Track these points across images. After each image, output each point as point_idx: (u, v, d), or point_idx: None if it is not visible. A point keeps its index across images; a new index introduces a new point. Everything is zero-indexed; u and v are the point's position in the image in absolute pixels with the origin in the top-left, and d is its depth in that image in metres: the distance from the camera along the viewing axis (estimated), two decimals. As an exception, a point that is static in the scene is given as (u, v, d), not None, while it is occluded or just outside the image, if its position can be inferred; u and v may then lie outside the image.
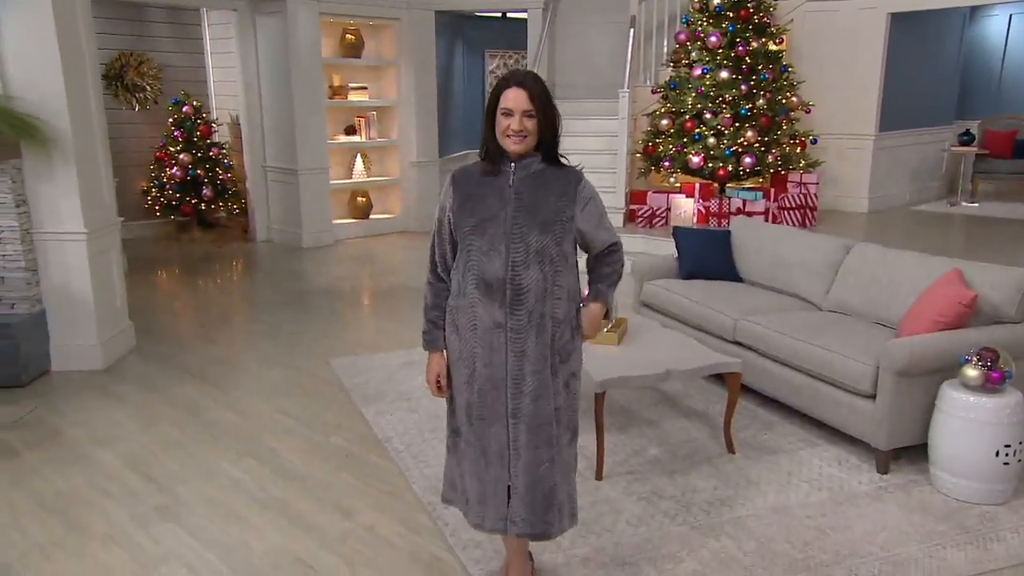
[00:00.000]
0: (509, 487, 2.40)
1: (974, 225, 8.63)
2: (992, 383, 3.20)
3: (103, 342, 4.78)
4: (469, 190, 2.39)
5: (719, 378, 4.46)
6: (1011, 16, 10.98)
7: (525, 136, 2.29)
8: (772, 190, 7.76)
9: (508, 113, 2.27)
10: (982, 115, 10.77)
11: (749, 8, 7.54)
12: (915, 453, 3.55)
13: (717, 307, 4.41)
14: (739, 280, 4.94)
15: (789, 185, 7.88)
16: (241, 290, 6.91)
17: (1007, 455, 3.18)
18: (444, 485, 2.63)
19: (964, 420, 3.22)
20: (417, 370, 4.75)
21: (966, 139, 9.48)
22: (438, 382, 2.48)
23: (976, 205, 9.47)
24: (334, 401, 4.33)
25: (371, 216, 9.39)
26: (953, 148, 9.77)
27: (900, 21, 8.69)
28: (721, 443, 3.79)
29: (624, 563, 2.84)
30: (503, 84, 2.30)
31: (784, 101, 7.74)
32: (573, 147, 7.99)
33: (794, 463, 3.61)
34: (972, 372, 3.21)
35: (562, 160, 2.40)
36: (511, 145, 2.30)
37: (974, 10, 10.62)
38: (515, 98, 2.26)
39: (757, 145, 7.57)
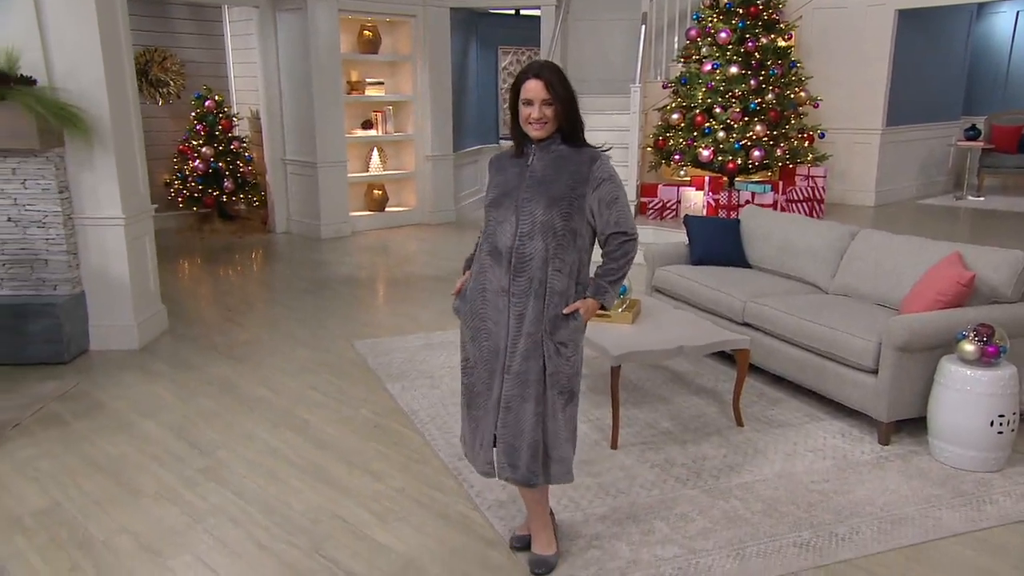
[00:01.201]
0: (495, 436, 2.63)
1: (980, 218, 8.78)
2: (988, 357, 3.38)
3: (139, 323, 5.00)
4: (498, 170, 2.67)
5: (727, 358, 4.68)
6: (1018, 13, 11.10)
7: (545, 123, 2.51)
8: (780, 183, 7.93)
9: (528, 103, 2.50)
10: (988, 110, 10.90)
11: (759, 5, 7.71)
12: (914, 426, 3.74)
13: (726, 290, 4.60)
14: (747, 266, 5.13)
15: (797, 178, 8.06)
16: (264, 278, 7.14)
17: (1001, 425, 3.37)
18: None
19: (961, 392, 3.40)
20: (437, 351, 4.96)
21: (972, 134, 9.63)
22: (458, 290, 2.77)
23: (982, 199, 9.62)
24: (360, 378, 4.54)
25: (387, 209, 9.61)
26: (959, 143, 9.92)
27: (908, 18, 8.85)
28: (730, 417, 3.98)
29: (639, 520, 3.04)
30: (522, 76, 2.51)
31: (792, 96, 7.91)
32: (588, 141, 8.17)
33: (799, 435, 3.80)
34: (969, 347, 3.40)
35: (587, 143, 2.60)
36: (533, 131, 2.53)
37: (981, 7, 10.75)
38: (533, 88, 2.48)
39: (766, 139, 7.74)
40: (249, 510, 3.11)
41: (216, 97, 8.97)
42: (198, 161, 8.85)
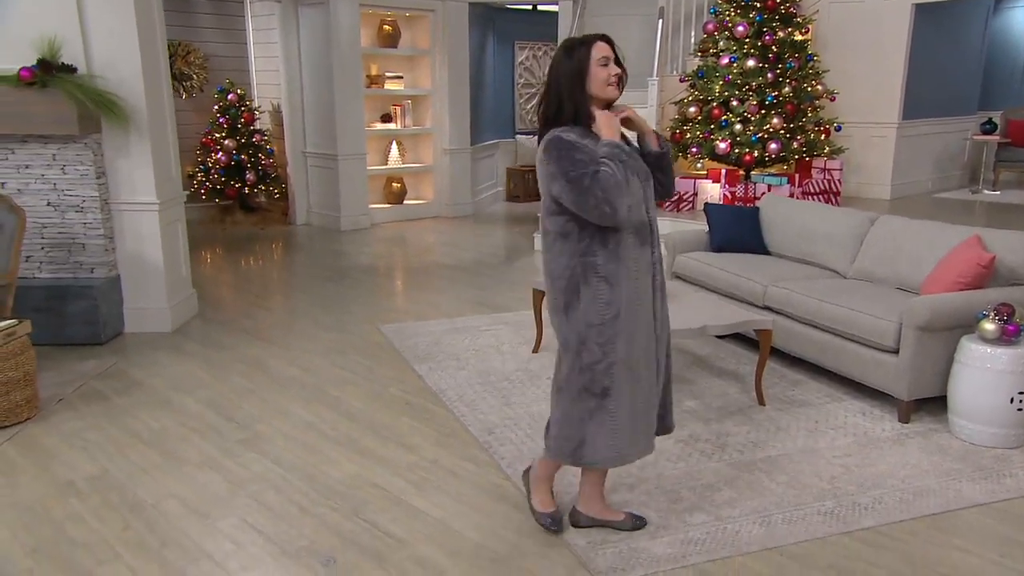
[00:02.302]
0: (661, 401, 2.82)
1: (996, 212, 8.81)
2: (1008, 336, 3.46)
3: (171, 306, 5.13)
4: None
5: (747, 342, 4.76)
6: (1034, 8, 11.12)
7: (621, 79, 2.52)
8: (796, 176, 8.00)
9: (606, 62, 2.49)
10: (1005, 105, 10.92)
11: (776, -2, 7.78)
12: (934, 406, 3.82)
13: (747, 275, 4.68)
14: (767, 253, 5.21)
15: (813, 171, 8.12)
16: (287, 267, 7.26)
17: (1021, 402, 3.44)
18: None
19: (982, 370, 3.48)
20: (462, 335, 5.07)
21: (988, 128, 9.65)
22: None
23: (998, 193, 9.65)
24: (388, 359, 4.65)
25: (405, 202, 9.72)
26: (976, 137, 9.95)
27: (924, 12, 8.90)
28: (752, 397, 4.07)
29: (667, 491, 3.14)
30: (589, 41, 2.49)
31: (809, 89, 7.96)
32: (603, 133, 8.26)
33: (821, 414, 3.89)
34: (990, 326, 3.47)
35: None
36: (613, 92, 2.50)
37: (998, 1, 10.77)
38: (606, 48, 2.50)
39: (782, 132, 7.80)
40: (289, 477, 3.23)
41: (238, 91, 9.10)
42: (220, 153, 8.98)
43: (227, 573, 2.62)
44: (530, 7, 11.12)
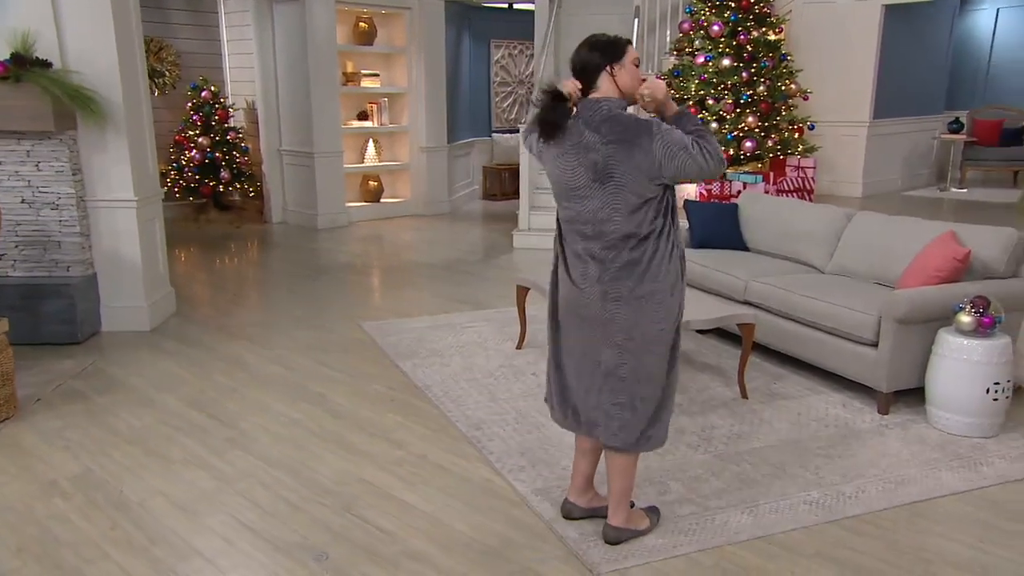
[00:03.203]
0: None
1: (963, 209, 9.01)
2: (984, 328, 3.54)
3: (150, 304, 5.06)
4: None
5: (729, 337, 4.82)
6: (998, 10, 11.38)
7: None
8: (771, 174, 8.09)
9: (638, 63, 2.53)
10: (970, 105, 11.17)
11: (750, -2, 7.88)
12: (912, 397, 3.89)
13: (728, 271, 4.74)
14: (746, 249, 5.28)
15: (788, 169, 8.23)
16: (264, 265, 7.20)
17: (996, 392, 3.53)
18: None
19: (958, 361, 3.56)
20: (444, 332, 5.06)
21: (955, 127, 9.87)
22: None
23: (965, 191, 9.87)
24: (371, 356, 4.64)
25: (382, 200, 9.69)
26: (943, 136, 10.16)
27: (894, 13, 9.07)
28: (735, 391, 4.12)
29: (655, 482, 3.17)
30: (626, 43, 2.51)
31: (783, 88, 8.07)
32: (581, 132, 8.29)
33: (802, 406, 3.95)
34: (966, 318, 3.55)
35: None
36: (638, 92, 2.52)
37: (963, 3, 11.01)
38: (637, 53, 2.55)
39: (757, 130, 7.90)
40: (277, 474, 3.21)
41: (212, 88, 8.99)
42: (194, 151, 8.87)
43: (218, 570, 2.59)
44: (506, 6, 11.13)
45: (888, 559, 2.69)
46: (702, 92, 7.94)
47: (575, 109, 2.53)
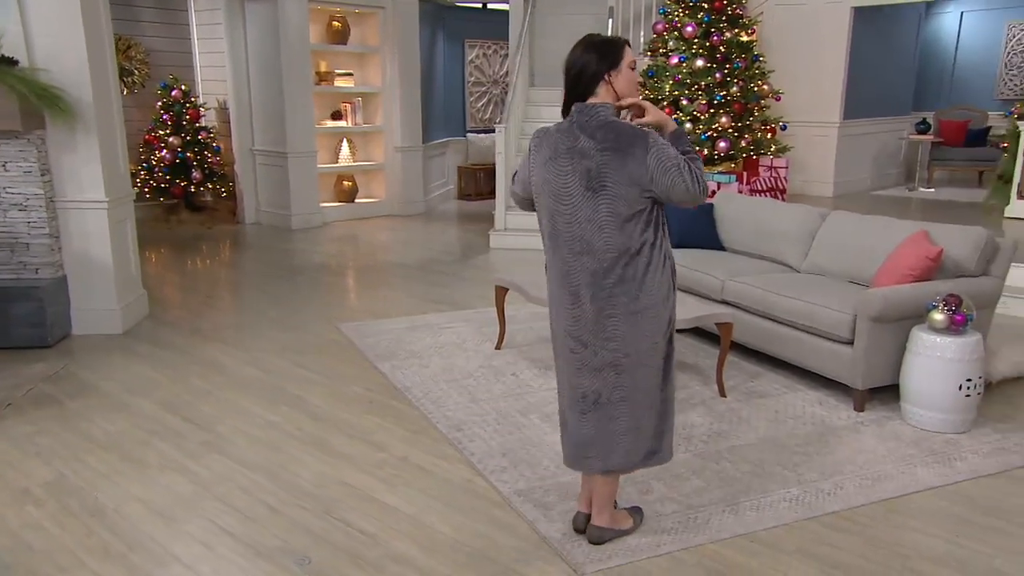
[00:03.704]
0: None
1: (931, 208, 9.15)
2: (956, 325, 3.60)
3: (122, 307, 4.98)
4: None
5: (706, 336, 4.86)
6: (962, 13, 11.60)
7: None
8: (745, 173, 8.17)
9: (634, 66, 2.49)
10: (937, 106, 11.37)
11: (723, 0, 7.94)
12: (887, 394, 3.95)
13: (705, 270, 4.77)
14: (722, 249, 5.32)
15: (761, 169, 8.31)
16: (238, 266, 7.12)
17: (968, 389, 3.59)
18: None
19: (932, 359, 3.62)
20: (423, 333, 5.04)
21: (923, 128, 10.03)
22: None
23: (932, 190, 10.04)
24: (349, 358, 4.60)
25: (356, 200, 9.62)
26: (911, 136, 10.32)
27: (862, 15, 9.20)
28: (713, 390, 4.14)
29: (636, 481, 3.18)
30: (624, 43, 2.48)
31: (756, 89, 8.15)
32: (556, 132, 8.31)
33: (780, 404, 3.99)
34: (939, 316, 3.61)
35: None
36: (635, 95, 2.51)
37: (929, 6, 11.20)
38: (632, 53, 2.51)
39: (731, 131, 7.97)
40: (255, 478, 3.17)
41: (183, 87, 8.87)
42: (165, 151, 8.74)
43: (198, 577, 2.56)
44: (480, 5, 11.12)
45: (867, 554, 2.72)
46: (676, 93, 7.99)
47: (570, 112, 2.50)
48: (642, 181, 2.38)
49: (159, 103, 8.80)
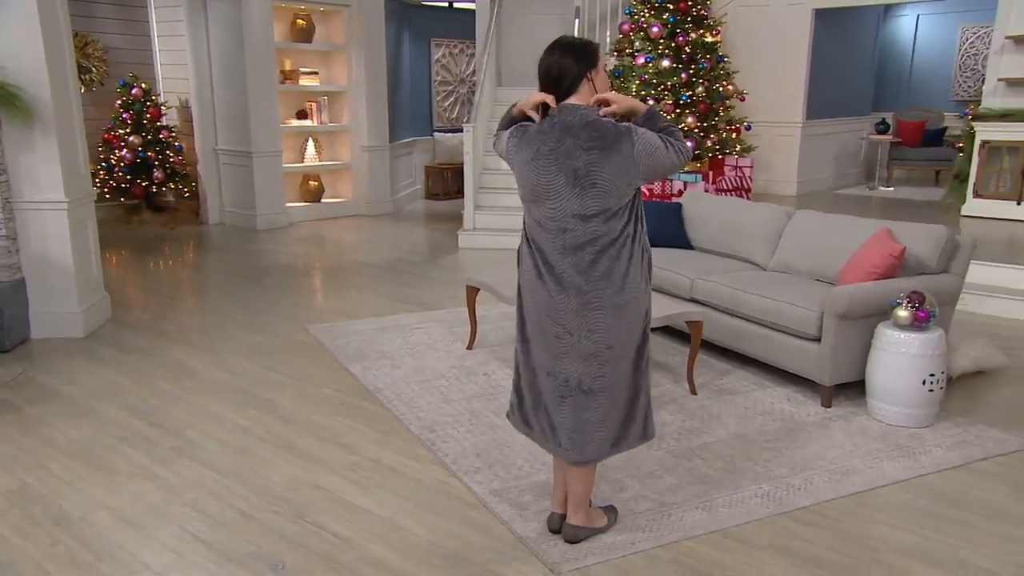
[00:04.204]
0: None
1: (890, 207, 9.33)
2: (919, 321, 3.68)
3: (83, 310, 4.87)
4: None
5: (675, 334, 4.90)
6: (918, 16, 11.86)
7: None
8: (711, 173, 8.26)
9: (605, 67, 2.55)
10: (895, 106, 11.61)
11: (688, 1, 8.02)
12: (853, 390, 4.02)
13: (674, 269, 4.81)
14: (690, 247, 5.37)
15: (726, 169, 8.41)
16: (203, 268, 7.00)
17: (932, 383, 3.67)
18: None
19: (896, 354, 3.69)
20: (393, 334, 5.01)
21: (882, 128, 10.23)
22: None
23: (891, 189, 10.24)
24: (319, 360, 4.56)
25: (323, 200, 9.53)
26: (871, 136, 10.53)
27: (823, 17, 9.36)
28: (683, 388, 4.18)
29: (610, 480, 3.19)
30: (597, 47, 2.55)
31: (720, 89, 8.25)
32: (523, 131, 8.32)
33: (749, 401, 4.04)
34: (903, 313, 3.68)
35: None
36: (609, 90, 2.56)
37: (887, 9, 11.43)
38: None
39: (697, 130, 8.06)
40: (227, 483, 3.12)
41: (143, 85, 8.71)
42: (125, 151, 8.57)
43: (169, 585, 2.51)
44: (446, 4, 11.08)
45: (837, 548, 2.77)
46: (643, 93, 8.05)
47: (551, 112, 2.51)
48: (630, 173, 2.42)
49: (118, 101, 8.64)
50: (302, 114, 9.27)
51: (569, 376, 2.58)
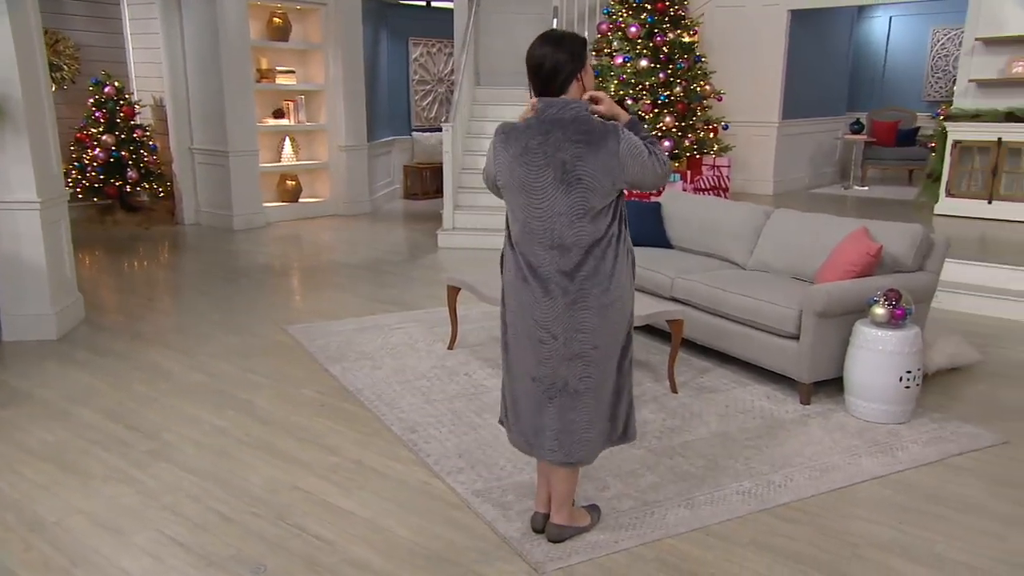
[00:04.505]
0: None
1: (865, 206, 9.44)
2: (896, 319, 3.72)
3: (56, 312, 4.79)
4: None
5: (655, 333, 4.91)
6: (891, 18, 12.02)
7: None
8: (689, 172, 8.31)
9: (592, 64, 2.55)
10: (869, 107, 11.76)
11: (665, 1, 8.06)
12: (831, 387, 4.06)
13: (654, 268, 4.82)
14: (669, 247, 5.39)
15: (704, 168, 8.46)
16: (180, 268, 6.92)
17: (908, 380, 3.71)
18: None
19: (874, 352, 3.73)
20: (373, 334, 4.98)
21: (856, 128, 10.35)
22: None
23: (866, 188, 10.36)
24: (298, 361, 4.51)
25: (300, 200, 9.46)
26: (846, 136, 10.64)
27: (799, 18, 9.45)
28: (664, 386, 4.20)
29: (592, 479, 3.19)
30: (585, 42, 2.53)
31: (698, 89, 8.30)
32: (502, 131, 8.32)
33: (729, 399, 4.06)
34: (880, 310, 3.72)
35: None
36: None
37: (860, 10, 11.56)
38: None
39: (675, 130, 8.10)
40: (206, 486, 3.08)
41: (116, 83, 8.59)
42: (98, 150, 8.45)
43: (148, 590, 2.47)
44: (424, 3, 11.04)
45: (818, 544, 2.79)
46: (621, 92, 8.08)
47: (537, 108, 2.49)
48: (614, 172, 2.41)
49: (91, 100, 8.51)
50: (279, 113, 9.19)
51: (555, 379, 2.58)
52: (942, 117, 8.17)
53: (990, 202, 7.65)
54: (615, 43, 8.23)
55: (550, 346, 2.55)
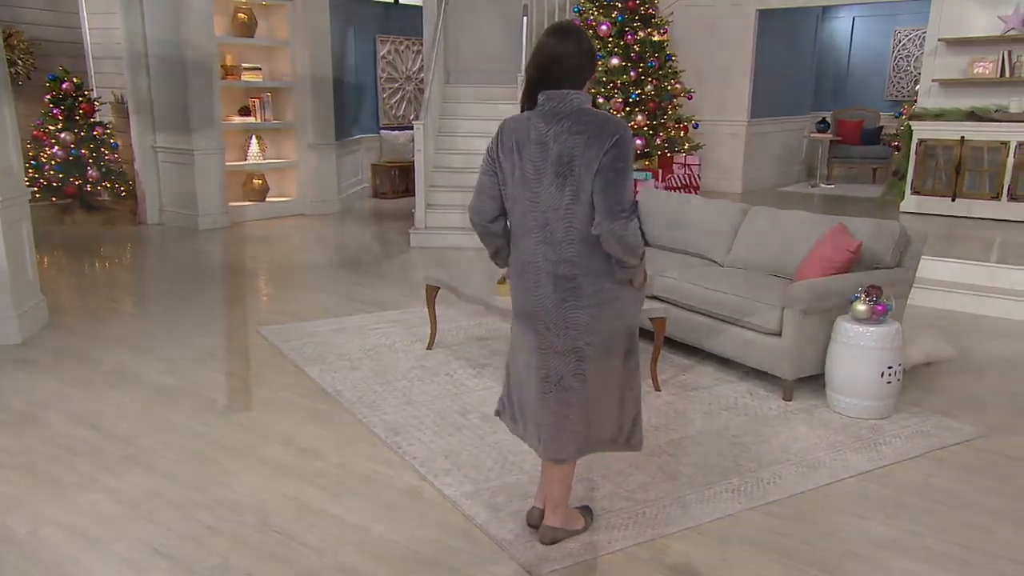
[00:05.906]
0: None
1: (832, 204, 9.58)
2: (877, 315, 3.75)
3: (19, 314, 4.61)
4: None
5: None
6: (854, 18, 12.21)
7: None
8: (660, 171, 8.34)
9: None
10: (834, 106, 11.94)
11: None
12: (812, 383, 4.08)
13: (633, 265, 4.81)
14: (646, 244, 5.37)
15: (675, 166, 8.51)
16: (146, 269, 6.74)
17: (890, 375, 3.75)
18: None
19: (855, 347, 3.75)
20: (351, 335, 4.89)
21: (822, 127, 10.50)
22: None
23: (832, 186, 10.51)
24: (274, 363, 4.41)
25: (267, 199, 9.29)
26: (812, 135, 10.79)
27: (766, 18, 9.54)
28: (647, 385, 4.17)
29: (583, 480, 3.16)
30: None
31: (669, 88, 8.34)
32: (473, 130, 8.27)
33: (713, 397, 4.06)
34: (861, 307, 3.75)
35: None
36: None
37: (824, 11, 11.73)
38: None
39: (646, 128, 8.13)
40: (186, 492, 2.98)
41: (74, 79, 8.34)
42: (56, 148, 8.20)
43: (130, 603, 2.38)
44: (391, 0, 10.92)
45: (810, 541, 2.79)
46: (593, 91, 8.06)
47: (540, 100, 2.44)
48: (591, 165, 2.34)
49: (48, 96, 8.25)
50: (245, 111, 9.01)
51: (550, 371, 2.55)
52: (905, 116, 8.32)
53: (954, 199, 7.80)
54: (586, 41, 8.21)
55: (544, 337, 2.53)
